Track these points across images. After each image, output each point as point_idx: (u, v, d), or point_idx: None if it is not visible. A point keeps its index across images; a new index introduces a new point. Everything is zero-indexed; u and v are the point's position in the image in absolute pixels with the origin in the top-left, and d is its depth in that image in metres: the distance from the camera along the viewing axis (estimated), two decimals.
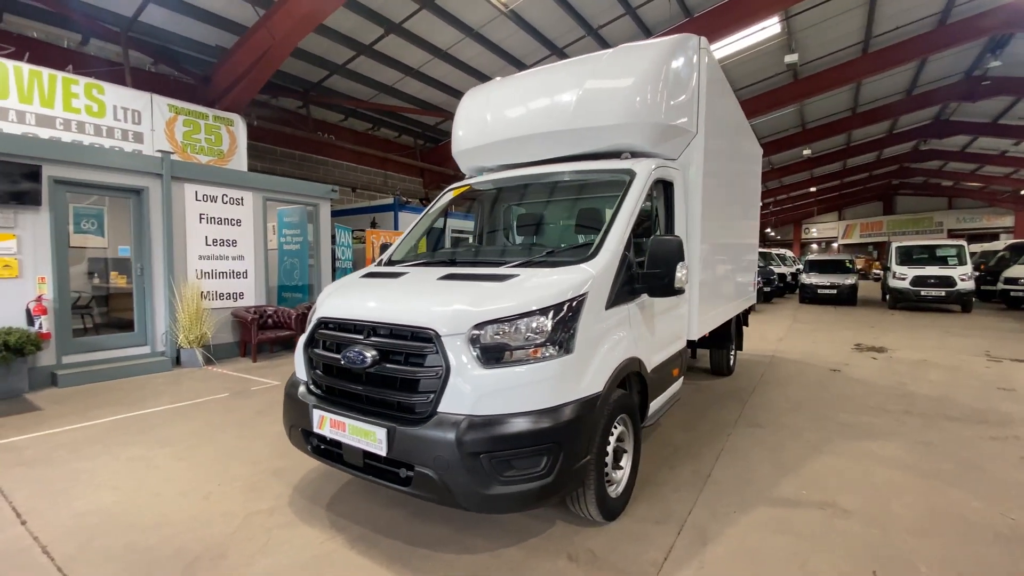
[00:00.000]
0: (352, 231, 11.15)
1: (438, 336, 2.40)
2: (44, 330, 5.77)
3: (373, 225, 11.95)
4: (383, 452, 2.41)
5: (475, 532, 2.76)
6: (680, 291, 3.00)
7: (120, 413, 4.87)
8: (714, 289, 4.68)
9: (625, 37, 11.11)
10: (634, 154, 3.72)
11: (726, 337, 6.14)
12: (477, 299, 2.52)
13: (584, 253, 2.92)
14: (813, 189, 31.88)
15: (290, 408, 2.94)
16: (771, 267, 18.16)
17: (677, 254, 2.93)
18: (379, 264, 3.74)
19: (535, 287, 2.58)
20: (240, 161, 9.98)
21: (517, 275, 2.74)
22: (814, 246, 43.31)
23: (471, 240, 5.56)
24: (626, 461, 3.04)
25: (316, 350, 2.86)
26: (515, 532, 2.77)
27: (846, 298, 16.44)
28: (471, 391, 2.32)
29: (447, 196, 4.31)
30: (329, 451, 2.72)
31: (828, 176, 29.32)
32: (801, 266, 19.25)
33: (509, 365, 2.36)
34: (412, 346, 2.47)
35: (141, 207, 6.79)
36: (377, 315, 2.64)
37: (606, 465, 2.79)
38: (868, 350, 8.32)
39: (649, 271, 2.96)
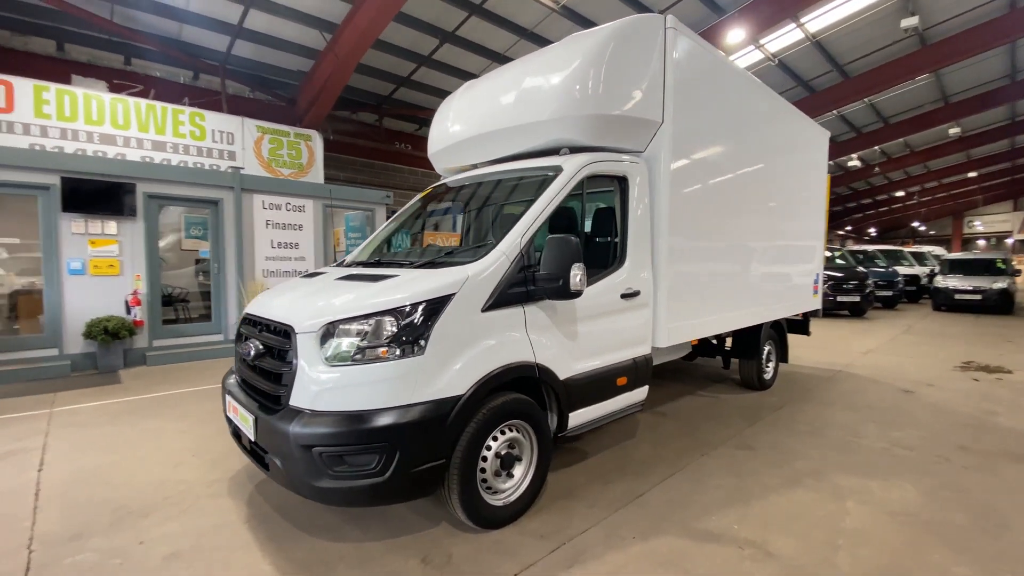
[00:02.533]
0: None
1: (293, 332, 2.54)
2: (138, 318, 7.03)
3: (436, 228, 12.50)
4: (252, 437, 2.62)
5: (358, 524, 2.85)
6: (576, 294, 2.80)
7: (171, 389, 5.77)
8: (703, 293, 4.23)
9: (693, 21, 10.38)
10: (575, 149, 3.52)
11: (752, 346, 5.48)
12: (339, 299, 2.62)
13: (477, 254, 2.87)
14: (973, 174, 26.60)
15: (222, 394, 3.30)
16: (894, 268, 15.55)
17: (571, 255, 2.74)
18: (335, 265, 4.00)
19: (394, 288, 2.60)
20: (317, 172, 11.14)
21: (396, 276, 2.78)
22: (980, 242, 36.06)
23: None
24: (521, 469, 2.91)
25: (236, 342, 3.18)
26: (396, 528, 2.80)
27: (995, 305, 13.50)
28: (313, 386, 2.42)
29: (417, 199, 4.46)
30: (237, 432, 3.01)
31: (991, 158, 24.23)
32: (938, 267, 16.18)
33: (351, 364, 2.41)
34: (278, 341, 2.64)
35: (218, 216, 7.93)
36: (267, 312, 2.86)
37: (483, 471, 2.71)
38: (977, 369, 6.81)
39: (542, 273, 2.81)
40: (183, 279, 8.81)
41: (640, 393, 3.74)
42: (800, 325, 6.68)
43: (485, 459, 2.72)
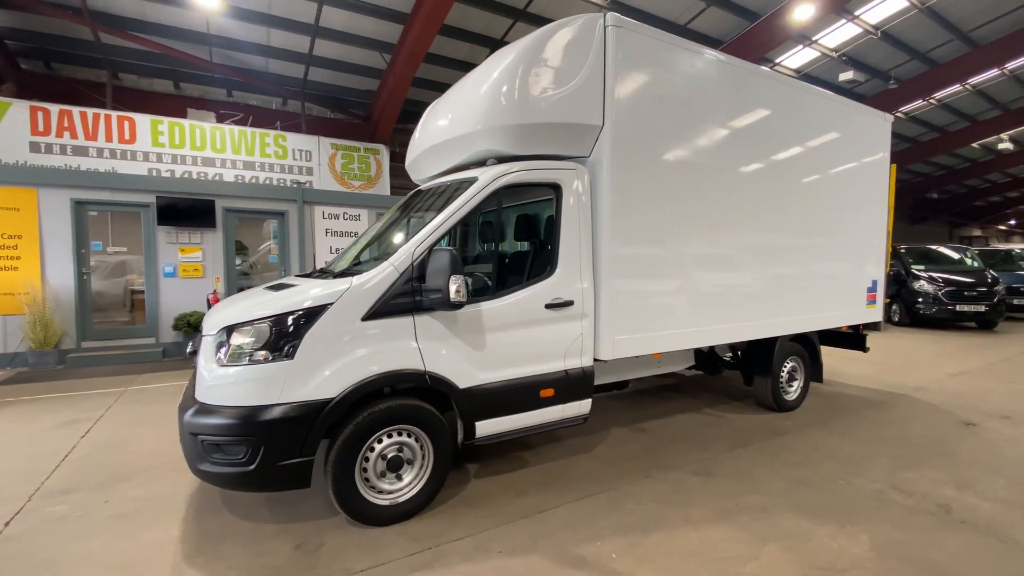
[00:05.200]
0: None
1: (205, 336, 2.93)
2: None
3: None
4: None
5: (273, 506, 3.17)
6: (456, 306, 2.84)
7: None
8: (665, 303, 3.94)
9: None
10: (503, 159, 3.53)
11: (764, 362, 4.93)
12: (239, 307, 2.95)
13: (373, 265, 3.04)
14: None
15: None
16: None
17: (448, 267, 2.80)
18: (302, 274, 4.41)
19: (280, 298, 2.87)
20: (384, 183, 12.07)
21: (295, 285, 3.06)
22: None
23: None
24: (412, 473, 3.02)
25: None
26: (300, 514, 3.07)
27: None
28: (206, 382, 2.77)
29: (396, 207, 4.73)
30: None
31: None
32: None
33: (232, 365, 2.72)
34: (205, 342, 3.05)
35: (284, 225, 9.01)
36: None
37: (365, 471, 2.88)
38: None
39: (427, 285, 2.90)
40: (254, 280, 10.12)
41: (576, 407, 3.62)
42: (853, 339, 5.84)
43: (368, 459, 2.88)
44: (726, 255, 4.29)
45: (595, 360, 3.68)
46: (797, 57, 12.06)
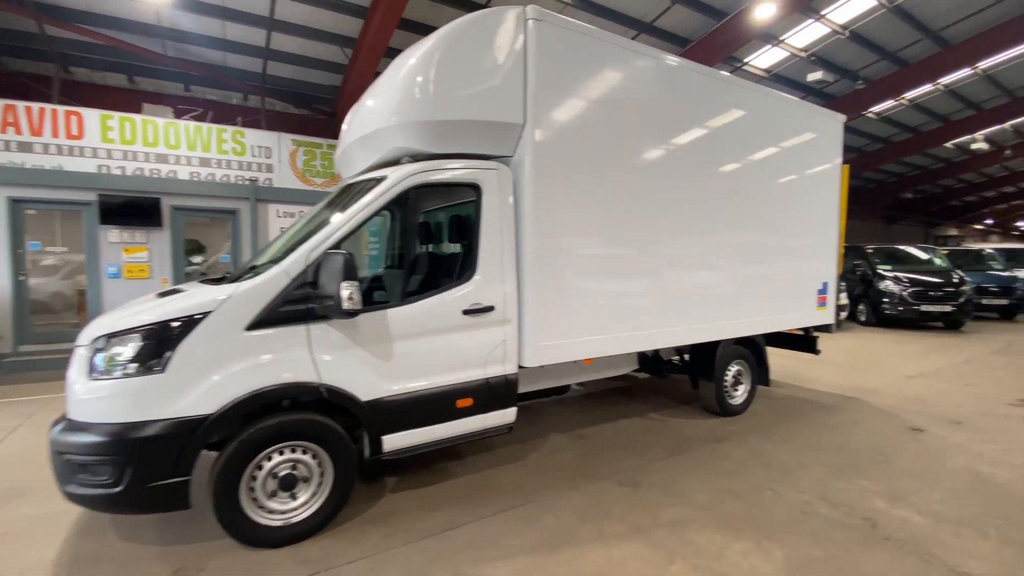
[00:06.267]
0: None
1: (77, 347, 2.71)
2: None
3: None
4: None
5: (160, 526, 2.94)
6: (350, 314, 2.66)
7: None
8: (597, 308, 3.78)
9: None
10: (416, 158, 3.35)
11: (707, 366, 4.82)
12: (115, 316, 2.75)
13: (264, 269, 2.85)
14: None
15: None
16: (1013, 272, 12.79)
17: (341, 272, 2.61)
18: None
19: (159, 306, 2.67)
20: None
21: (181, 291, 2.86)
22: None
23: None
24: (308, 492, 2.83)
25: None
26: (187, 535, 2.85)
27: None
28: (74, 396, 2.56)
29: (321, 204, 4.51)
30: None
31: None
32: None
33: (101, 378, 2.51)
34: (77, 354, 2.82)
35: (236, 224, 8.73)
36: None
37: (253, 490, 2.69)
38: None
39: (320, 291, 2.71)
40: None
41: (499, 416, 3.46)
42: (803, 342, 5.76)
43: (256, 478, 2.69)
44: (660, 257, 4.15)
45: (520, 367, 3.53)
46: (766, 57, 12.02)
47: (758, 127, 4.80)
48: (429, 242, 4.56)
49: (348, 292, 2.60)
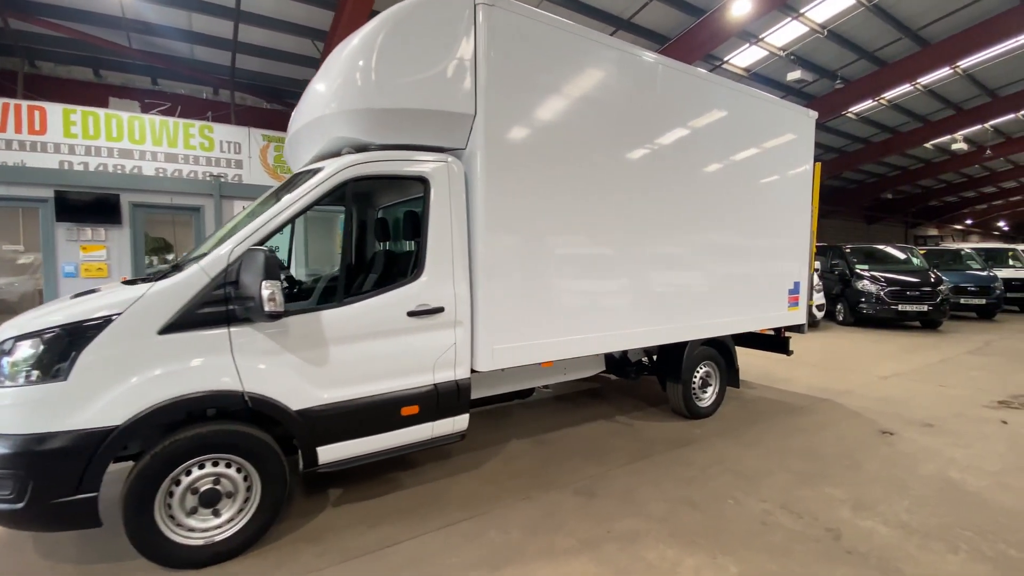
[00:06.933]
0: None
1: None
2: None
3: None
4: None
5: (85, 543, 2.74)
6: (273, 316, 2.46)
7: None
8: (555, 308, 3.62)
9: None
10: (360, 149, 3.16)
11: (674, 368, 4.69)
12: (28, 317, 2.52)
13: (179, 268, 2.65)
14: None
15: None
16: (993, 272, 12.90)
17: (261, 270, 2.41)
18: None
19: (64, 307, 2.46)
20: None
21: (96, 291, 2.65)
22: None
23: None
24: (233, 508, 2.63)
25: None
26: (109, 553, 2.64)
27: None
28: None
29: (267, 194, 4.30)
30: None
31: None
32: None
33: (4, 385, 2.29)
34: None
35: (200, 221, 8.45)
36: None
37: (170, 507, 2.48)
38: (1021, 407, 5.33)
39: (240, 292, 2.52)
40: None
41: (449, 424, 3.29)
42: (775, 343, 5.65)
43: (173, 494, 2.49)
44: (621, 256, 3.99)
45: (473, 372, 3.36)
46: (745, 56, 11.96)
47: (727, 122, 4.66)
48: (378, 240, 4.36)
49: (269, 292, 2.41)
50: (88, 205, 7.42)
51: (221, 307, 2.55)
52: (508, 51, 3.28)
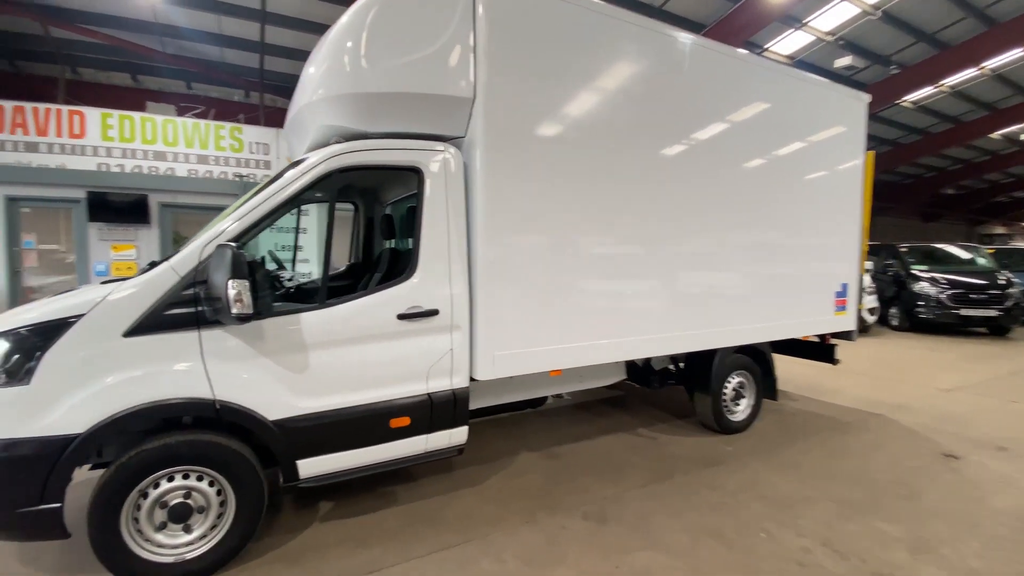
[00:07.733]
0: None
1: None
2: None
3: None
4: None
5: (60, 552, 2.63)
6: (241, 318, 2.25)
7: None
8: (565, 312, 3.29)
9: None
10: (350, 138, 2.93)
11: (702, 378, 4.27)
12: (9, 314, 2.43)
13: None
14: None
15: None
16: None
17: (228, 268, 2.21)
18: None
19: (36, 306, 2.34)
20: None
21: (77, 290, 2.54)
22: None
23: None
24: (205, 524, 2.45)
25: None
26: (76, 565, 2.53)
27: None
28: None
29: (263, 183, 4.14)
30: None
31: None
32: None
33: None
34: None
35: None
36: None
37: (137, 521, 2.31)
38: None
39: (208, 293, 2.33)
40: None
41: (445, 437, 3.02)
42: (819, 350, 5.12)
43: (140, 508, 2.32)
44: (639, 255, 3.62)
45: (472, 380, 3.08)
46: (788, 42, 11.20)
47: (765, 107, 4.21)
48: (383, 238, 4.14)
49: (235, 292, 2.19)
50: (118, 205, 7.58)
51: (191, 308, 2.37)
52: (509, 28, 2.98)
